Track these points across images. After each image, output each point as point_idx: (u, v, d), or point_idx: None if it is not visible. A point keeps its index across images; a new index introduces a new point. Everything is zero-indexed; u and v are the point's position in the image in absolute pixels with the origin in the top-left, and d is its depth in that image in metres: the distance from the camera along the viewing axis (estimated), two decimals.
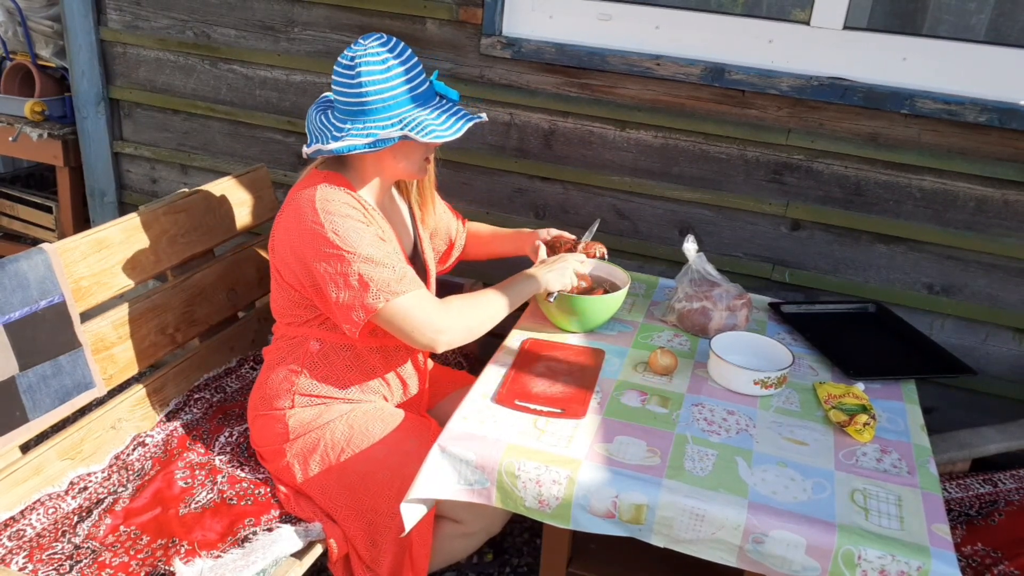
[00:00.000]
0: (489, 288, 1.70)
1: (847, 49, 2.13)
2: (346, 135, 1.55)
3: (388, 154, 1.61)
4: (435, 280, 1.91)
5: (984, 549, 1.70)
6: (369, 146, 1.54)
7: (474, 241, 2.04)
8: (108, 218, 2.94)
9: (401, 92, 1.55)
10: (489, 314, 1.66)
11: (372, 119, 1.55)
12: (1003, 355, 2.23)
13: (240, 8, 2.59)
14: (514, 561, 2.16)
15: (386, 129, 1.54)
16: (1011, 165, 2.06)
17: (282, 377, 1.71)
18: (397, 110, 1.55)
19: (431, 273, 1.87)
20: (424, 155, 1.66)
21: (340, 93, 1.57)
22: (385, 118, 1.55)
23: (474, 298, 1.66)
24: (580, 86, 2.33)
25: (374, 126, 1.55)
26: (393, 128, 1.54)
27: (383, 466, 1.65)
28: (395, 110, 1.55)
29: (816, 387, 1.67)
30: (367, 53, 1.53)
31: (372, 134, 1.54)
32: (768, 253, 2.34)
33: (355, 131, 1.55)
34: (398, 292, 1.54)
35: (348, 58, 1.55)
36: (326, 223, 1.54)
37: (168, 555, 1.51)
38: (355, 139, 1.54)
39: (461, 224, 2.04)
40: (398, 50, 1.56)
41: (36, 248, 1.63)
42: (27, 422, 1.58)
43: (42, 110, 2.95)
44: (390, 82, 1.54)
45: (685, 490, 1.35)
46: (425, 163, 1.68)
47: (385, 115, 1.55)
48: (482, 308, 1.65)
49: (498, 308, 1.67)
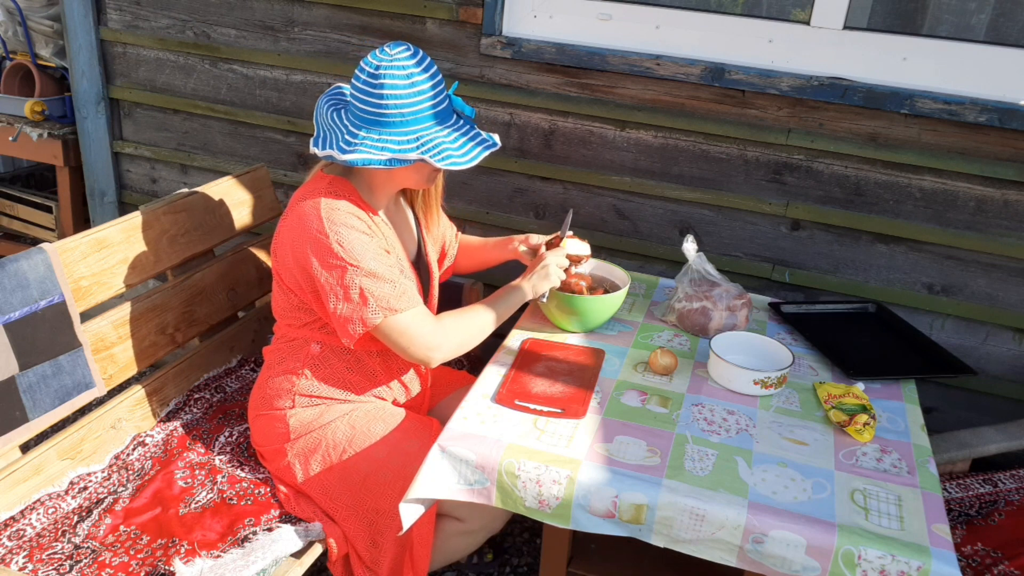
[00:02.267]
0: (479, 303, 1.71)
1: (847, 49, 2.13)
2: (360, 144, 1.51)
3: (400, 168, 1.59)
4: (438, 283, 1.91)
5: (984, 549, 1.70)
6: (384, 163, 1.51)
7: (463, 253, 2.04)
8: (108, 218, 2.94)
9: (422, 109, 1.52)
10: (480, 329, 1.68)
11: (389, 132, 1.52)
12: (1003, 355, 2.23)
13: (240, 8, 2.59)
14: (514, 561, 2.16)
15: (402, 146, 1.52)
16: (1011, 165, 2.06)
17: (283, 378, 1.71)
18: (416, 127, 1.52)
19: (434, 276, 1.87)
20: (436, 169, 1.64)
21: (359, 99, 1.53)
22: (402, 133, 1.52)
23: (465, 314, 1.68)
24: (580, 86, 2.33)
25: (390, 140, 1.52)
26: (410, 147, 1.52)
27: (385, 467, 1.65)
28: (414, 126, 1.52)
29: (816, 387, 1.67)
30: (393, 64, 1.49)
31: (387, 149, 1.51)
32: (768, 253, 2.34)
33: (370, 142, 1.51)
34: (397, 309, 1.55)
35: (373, 65, 1.51)
36: (331, 233, 1.53)
37: (168, 555, 1.51)
38: (369, 153, 1.50)
39: (455, 236, 2.04)
40: (424, 64, 1.52)
41: (36, 248, 1.63)
42: (27, 422, 1.58)
43: (42, 110, 2.95)
44: (413, 98, 1.51)
45: (685, 490, 1.35)
46: (434, 174, 1.67)
47: (403, 130, 1.52)
48: (473, 324, 1.67)
49: (488, 322, 1.69)
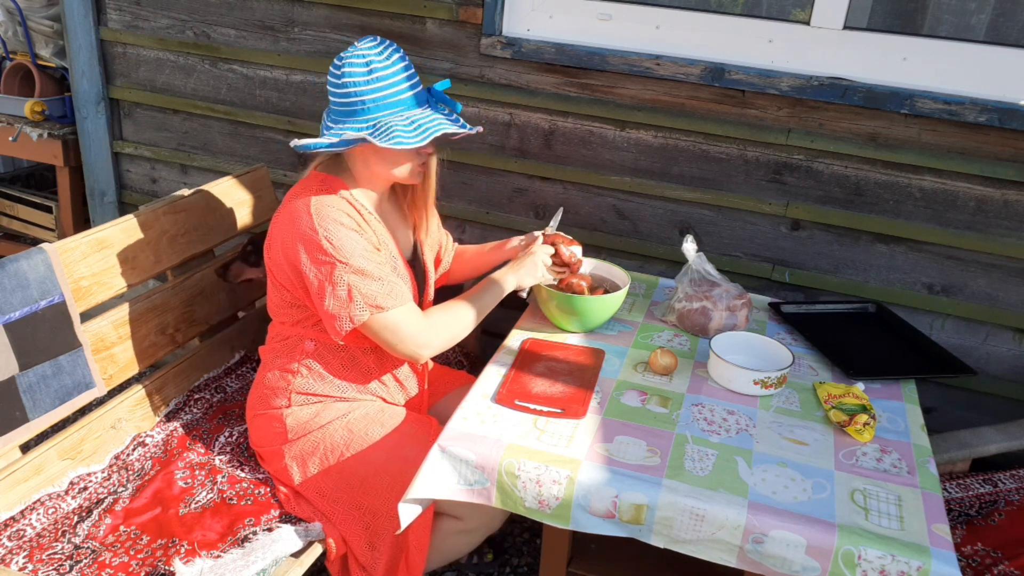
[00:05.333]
0: (463, 296, 1.72)
1: (847, 49, 2.13)
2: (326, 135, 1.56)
3: (375, 159, 1.61)
4: (434, 283, 1.91)
5: (984, 549, 1.70)
6: (331, 146, 1.54)
7: (460, 260, 2.04)
8: (108, 218, 2.94)
9: (383, 96, 1.54)
10: (467, 323, 1.69)
11: (352, 120, 1.56)
12: (1003, 355, 2.23)
13: (240, 8, 2.59)
14: (514, 561, 2.16)
15: (356, 131, 1.54)
16: (1011, 165, 2.06)
17: (278, 376, 1.71)
18: (376, 113, 1.55)
19: (430, 276, 1.87)
20: (416, 161, 1.64)
21: (331, 93, 1.59)
22: (363, 121, 1.55)
23: (452, 309, 1.68)
24: (580, 86, 2.33)
25: (350, 127, 1.55)
26: (364, 131, 1.53)
27: (382, 470, 1.65)
28: (374, 113, 1.55)
29: (816, 387, 1.67)
30: (353, 55, 1.54)
31: (340, 133, 1.54)
32: (768, 253, 2.34)
33: (334, 132, 1.56)
34: (384, 307, 1.56)
35: (339, 59, 1.56)
36: (320, 229, 1.54)
37: (168, 555, 1.51)
38: (324, 138, 1.55)
39: (451, 243, 2.03)
40: (386, 53, 1.55)
41: (36, 248, 1.63)
42: (27, 422, 1.58)
43: (42, 110, 2.95)
44: (372, 84, 1.53)
45: (685, 490, 1.35)
46: (419, 169, 1.66)
47: (364, 118, 1.55)
48: (461, 318, 1.68)
49: (475, 315, 1.70)
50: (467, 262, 2.03)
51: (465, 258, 2.03)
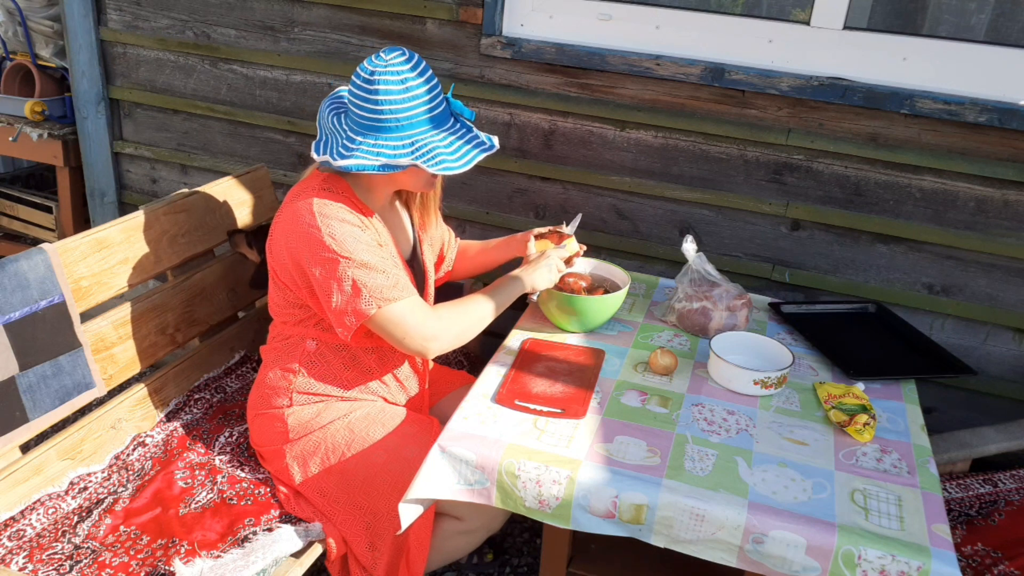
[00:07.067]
0: (477, 293, 1.70)
1: (847, 49, 2.13)
2: (356, 150, 1.52)
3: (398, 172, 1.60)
4: (433, 283, 1.91)
5: (984, 549, 1.70)
6: (377, 168, 1.52)
7: (462, 257, 2.04)
8: (108, 218, 2.94)
9: (418, 114, 1.52)
10: (478, 319, 1.67)
11: (385, 137, 1.53)
12: (1003, 355, 2.23)
13: (240, 8, 2.59)
14: (514, 561, 2.16)
15: (397, 151, 1.52)
16: (1011, 165, 2.06)
17: (280, 376, 1.71)
18: (411, 131, 1.53)
19: (430, 276, 1.87)
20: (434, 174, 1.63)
21: (356, 104, 1.54)
22: (398, 138, 1.52)
23: (463, 304, 1.67)
24: (580, 86, 2.33)
25: (386, 146, 1.52)
26: (404, 152, 1.52)
27: (383, 470, 1.65)
28: (409, 131, 1.53)
29: (816, 387, 1.67)
30: (387, 70, 1.50)
31: (382, 155, 1.51)
32: (768, 253, 2.34)
33: (366, 147, 1.52)
34: (390, 299, 1.55)
35: (368, 71, 1.51)
36: (323, 227, 1.54)
37: (168, 555, 1.51)
38: (364, 158, 1.51)
39: (454, 240, 2.03)
40: (419, 69, 1.52)
41: (36, 248, 1.63)
42: (27, 422, 1.58)
43: (42, 110, 2.95)
44: (408, 103, 1.51)
45: (685, 490, 1.35)
46: (433, 178, 1.66)
47: (399, 135, 1.52)
48: (471, 313, 1.66)
49: (486, 312, 1.68)
50: (470, 259, 2.03)
51: (468, 255, 2.03)
